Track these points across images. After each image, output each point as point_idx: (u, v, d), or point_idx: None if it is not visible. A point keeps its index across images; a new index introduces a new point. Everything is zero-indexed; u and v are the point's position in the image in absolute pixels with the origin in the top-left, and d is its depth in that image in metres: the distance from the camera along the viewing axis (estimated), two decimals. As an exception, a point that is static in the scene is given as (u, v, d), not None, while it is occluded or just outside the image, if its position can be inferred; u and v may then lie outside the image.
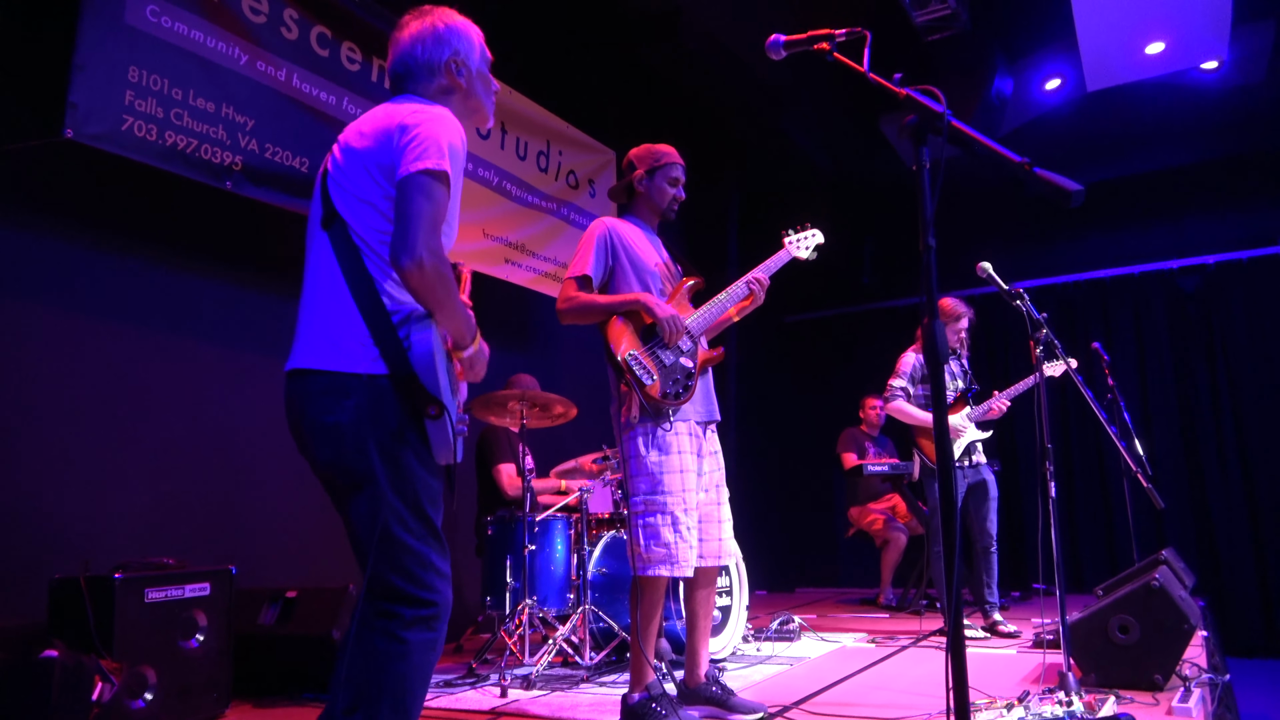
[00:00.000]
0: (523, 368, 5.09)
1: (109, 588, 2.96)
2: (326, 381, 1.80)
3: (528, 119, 5.63)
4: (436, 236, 1.77)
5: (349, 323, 1.82)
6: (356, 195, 1.87)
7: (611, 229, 3.05)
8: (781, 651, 4.29)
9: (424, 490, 1.83)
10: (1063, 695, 2.59)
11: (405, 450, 1.80)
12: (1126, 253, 7.66)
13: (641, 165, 3.14)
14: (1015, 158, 1.41)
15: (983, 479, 4.73)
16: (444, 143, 1.82)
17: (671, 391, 2.88)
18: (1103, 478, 7.29)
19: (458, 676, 3.79)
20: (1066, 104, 7.16)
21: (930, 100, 1.55)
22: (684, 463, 2.87)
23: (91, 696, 2.75)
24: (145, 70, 3.55)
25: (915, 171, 1.56)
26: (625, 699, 2.88)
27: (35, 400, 3.39)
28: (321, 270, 1.87)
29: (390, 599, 1.78)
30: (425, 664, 1.80)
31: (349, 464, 1.79)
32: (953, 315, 4.76)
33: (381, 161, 1.85)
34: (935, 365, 1.51)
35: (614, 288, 3.01)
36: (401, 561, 1.78)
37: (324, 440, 1.81)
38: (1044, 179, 1.39)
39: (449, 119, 1.89)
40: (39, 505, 3.34)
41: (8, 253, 3.39)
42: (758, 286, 3.07)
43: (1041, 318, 3.07)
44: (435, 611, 1.81)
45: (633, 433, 2.89)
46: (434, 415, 1.80)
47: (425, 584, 1.80)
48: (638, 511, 2.86)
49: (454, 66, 2.03)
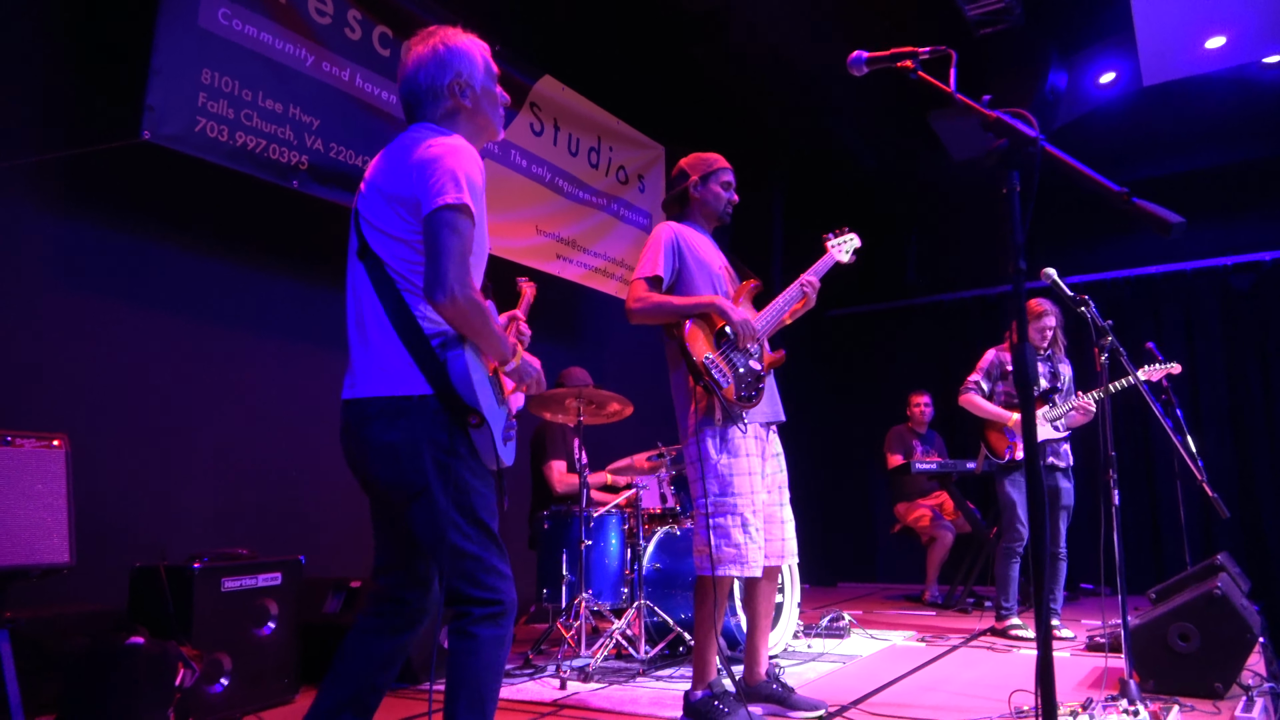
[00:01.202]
0: (572, 363, 5.16)
1: (188, 577, 3.07)
2: (381, 406, 1.94)
3: (580, 115, 5.67)
4: (465, 269, 1.89)
5: (395, 351, 1.94)
6: (385, 231, 1.98)
7: (678, 232, 3.10)
8: (832, 649, 4.33)
9: (478, 499, 1.97)
10: (1125, 704, 2.61)
11: (457, 463, 1.94)
12: (1178, 250, 7.54)
13: (695, 172, 3.19)
14: (1114, 188, 1.43)
15: (1057, 485, 4.68)
16: (462, 176, 1.91)
17: (745, 394, 2.93)
18: (1150, 478, 7.22)
19: (515, 667, 3.87)
20: (1121, 99, 7.05)
21: (1023, 124, 1.57)
22: (751, 465, 2.92)
23: (174, 682, 2.86)
24: (217, 72, 3.63)
25: (1005, 195, 1.58)
26: (688, 695, 2.93)
27: (111, 393, 3.51)
28: (364, 302, 2.01)
29: (458, 602, 1.94)
30: (495, 659, 1.94)
31: (408, 479, 1.93)
32: (1035, 313, 4.72)
33: (403, 196, 1.95)
34: (1025, 389, 1.53)
35: (681, 290, 3.06)
36: (463, 567, 1.93)
37: (383, 460, 1.95)
38: (1144, 210, 1.40)
39: (465, 151, 1.98)
40: (113, 495, 3.46)
41: (87, 250, 3.50)
42: (811, 289, 3.11)
43: (1107, 325, 3.06)
44: (501, 609, 1.95)
45: (701, 435, 2.94)
46: (475, 425, 1.94)
47: (488, 586, 1.94)
48: (707, 513, 2.91)
49: (457, 89, 2.08)
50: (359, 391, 1.98)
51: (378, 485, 2.00)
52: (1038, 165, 1.53)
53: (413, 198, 1.94)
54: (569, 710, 3.18)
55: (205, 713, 3.03)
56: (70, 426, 3.13)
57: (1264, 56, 6.36)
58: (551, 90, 5.42)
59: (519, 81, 5.18)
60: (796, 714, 2.98)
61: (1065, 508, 4.69)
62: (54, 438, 2.86)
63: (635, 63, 6.47)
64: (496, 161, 4.97)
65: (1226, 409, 7.10)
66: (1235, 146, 7.32)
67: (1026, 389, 1.53)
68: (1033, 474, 1.54)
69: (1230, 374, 7.16)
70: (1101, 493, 2.97)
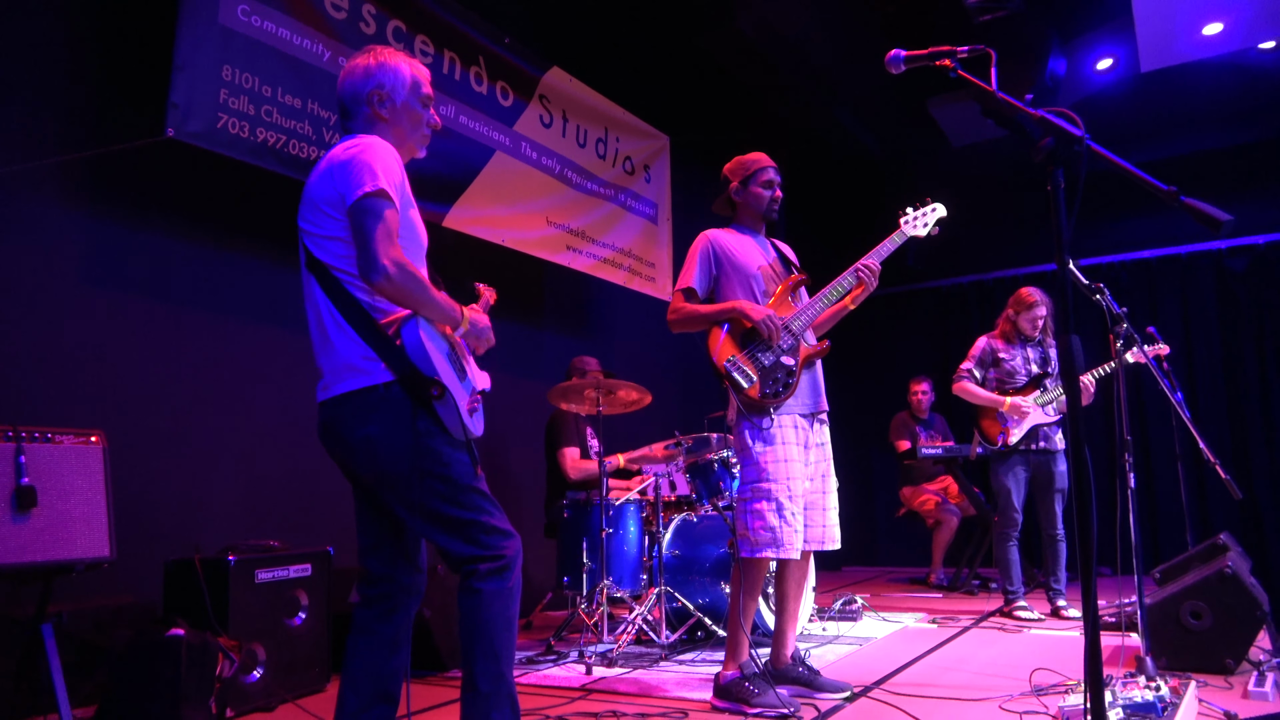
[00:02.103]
0: (580, 351, 5.22)
1: (223, 569, 3.12)
2: (352, 400, 2.04)
3: (587, 106, 5.70)
4: (393, 246, 1.98)
5: (353, 345, 2.05)
6: (323, 235, 2.09)
7: (713, 240, 3.20)
8: (847, 631, 4.41)
9: (459, 469, 2.06)
10: (1144, 679, 2.69)
11: (430, 439, 2.02)
12: (1173, 232, 7.62)
13: (735, 178, 3.30)
14: (1163, 187, 1.48)
15: (1051, 469, 4.78)
16: (376, 166, 2.01)
17: (771, 391, 3.01)
18: (1148, 459, 7.32)
19: (538, 654, 3.93)
20: (1118, 84, 7.12)
21: (1067, 124, 1.62)
22: (789, 453, 3.01)
23: (215, 673, 2.91)
24: (237, 69, 3.65)
25: (1050, 193, 1.64)
26: (719, 676, 3.01)
27: (140, 389, 3.54)
28: (321, 307, 2.11)
29: (462, 562, 2.05)
30: (505, 609, 2.05)
31: (389, 467, 2.03)
32: (1026, 304, 4.83)
33: (330, 197, 2.06)
34: (1071, 379, 1.59)
35: (720, 295, 3.19)
36: (466, 533, 2.05)
37: (362, 454, 2.05)
38: (1194, 207, 1.46)
39: (379, 145, 2.08)
40: (145, 490, 3.50)
41: (116, 248, 3.53)
42: (868, 274, 3.19)
43: (1122, 311, 3.13)
44: (506, 563, 2.06)
45: (740, 427, 3.07)
46: (437, 396, 2.01)
47: (487, 544, 2.06)
48: (745, 498, 3.02)
49: (376, 98, 2.19)
50: (331, 391, 2.08)
51: (363, 482, 2.11)
52: (1084, 163, 1.59)
53: (337, 196, 2.04)
54: (597, 694, 3.24)
55: (242, 702, 3.09)
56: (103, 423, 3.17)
57: (1260, 42, 6.43)
58: (560, 82, 5.45)
59: (528, 74, 5.21)
60: (823, 695, 3.06)
61: (1060, 490, 4.79)
62: (91, 434, 2.90)
63: (641, 53, 6.50)
64: (508, 154, 5.00)
65: (1223, 389, 7.22)
66: (1231, 131, 7.41)
67: (1073, 381, 1.59)
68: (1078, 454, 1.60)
69: (1226, 355, 7.26)
70: (1119, 475, 3.05)
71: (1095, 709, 1.55)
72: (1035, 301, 4.83)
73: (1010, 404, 4.77)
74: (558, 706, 3.06)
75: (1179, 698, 2.52)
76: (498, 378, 5.30)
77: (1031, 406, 4.73)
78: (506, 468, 5.37)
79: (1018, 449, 4.79)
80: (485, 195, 4.84)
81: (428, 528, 2.07)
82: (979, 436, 4.89)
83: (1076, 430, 1.61)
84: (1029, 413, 4.72)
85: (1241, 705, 2.83)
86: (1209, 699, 2.85)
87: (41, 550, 2.65)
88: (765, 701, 2.87)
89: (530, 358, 5.57)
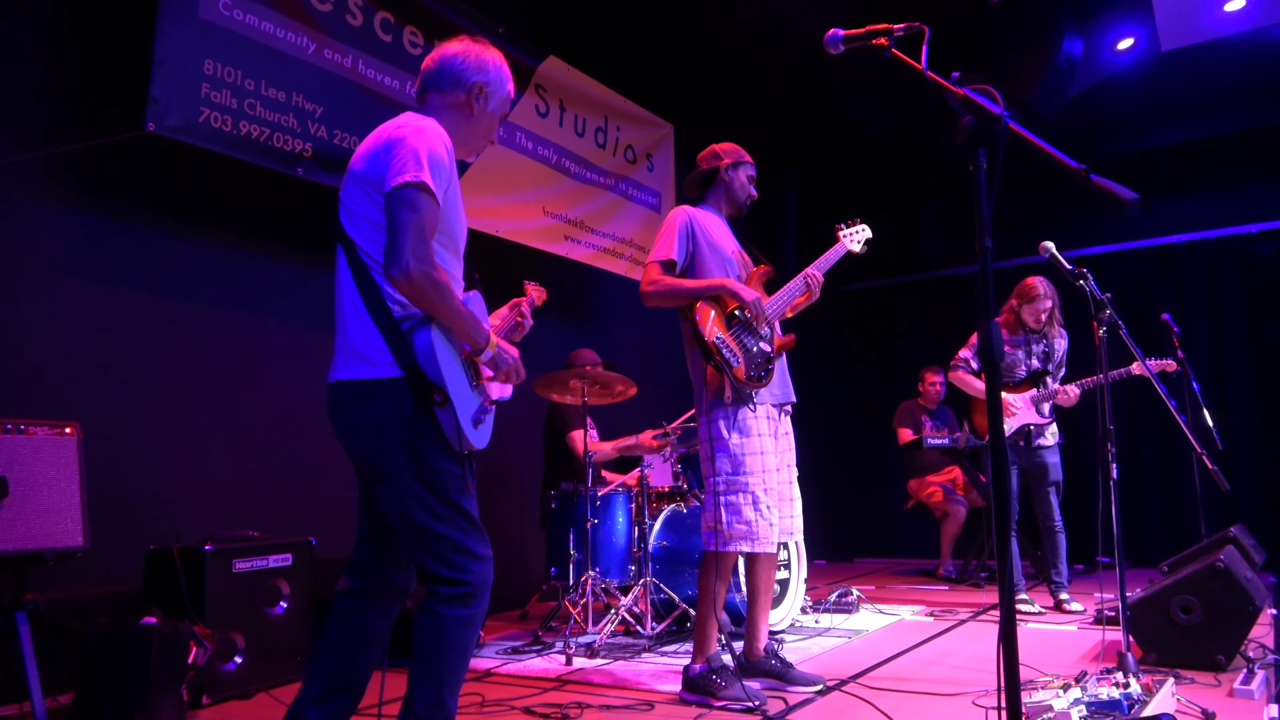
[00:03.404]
0: (582, 343, 5.19)
1: (200, 558, 3.15)
2: (354, 388, 2.00)
3: (585, 95, 5.66)
4: (424, 246, 1.90)
5: (366, 334, 2.00)
6: (360, 214, 2.03)
7: (692, 216, 3.15)
8: (840, 624, 4.36)
9: (450, 481, 1.98)
10: (1120, 676, 2.61)
11: (424, 443, 1.96)
12: (1200, 217, 7.41)
13: (728, 157, 3.25)
14: (1072, 164, 1.42)
15: (1043, 461, 4.68)
16: (423, 154, 1.94)
17: (754, 374, 2.97)
18: (1173, 449, 7.14)
19: (524, 644, 3.93)
20: (1138, 64, 6.92)
21: (989, 101, 1.57)
22: (763, 444, 2.97)
23: (187, 660, 2.94)
24: (219, 63, 3.67)
25: (972, 173, 1.58)
26: (687, 669, 2.98)
27: (122, 381, 3.58)
28: (343, 287, 2.06)
29: (426, 580, 1.96)
30: (461, 638, 1.95)
31: (373, 459, 1.99)
32: (1030, 297, 4.68)
33: (371, 176, 2.00)
34: (990, 364, 1.53)
35: (694, 273, 3.12)
36: (431, 546, 1.96)
37: (354, 438, 2.02)
38: (1100, 186, 1.40)
39: (432, 129, 2.01)
40: (132, 480, 3.54)
41: (96, 241, 3.57)
42: (814, 282, 3.14)
43: (1105, 297, 3.04)
44: (470, 590, 1.96)
45: (714, 415, 3.00)
46: (439, 403, 1.95)
47: (457, 566, 1.95)
48: (719, 490, 2.97)
49: (476, 90, 2.17)
50: (337, 375, 2.04)
51: (356, 464, 2.07)
52: (1003, 141, 1.53)
53: (378, 176, 1.98)
54: (572, 685, 3.23)
55: (219, 689, 3.13)
56: (87, 415, 3.21)
57: (1284, 18, 6.21)
58: (557, 71, 5.42)
59: (524, 63, 5.19)
60: (795, 689, 3.01)
61: (1054, 483, 4.68)
62: (66, 426, 2.94)
63: (642, 41, 6.43)
64: (502, 144, 4.99)
65: (1250, 376, 7.01)
66: (1257, 111, 7.16)
67: (993, 368, 1.54)
68: (997, 449, 1.55)
69: (1253, 341, 7.05)
70: (1100, 466, 2.96)
71: (1011, 708, 1.50)
72: (1040, 294, 4.68)
73: (1005, 400, 4.66)
74: (529, 697, 3.06)
75: (1150, 695, 2.44)
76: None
77: (1022, 405, 4.63)
78: (507, 460, 5.37)
79: (1010, 445, 4.70)
80: (477, 185, 4.83)
81: (403, 531, 2.01)
82: (969, 428, 4.80)
83: (996, 421, 1.56)
84: (1017, 411, 4.62)
85: (1224, 704, 2.74)
86: (1192, 697, 2.76)
87: (13, 540, 2.70)
88: (731, 694, 2.84)
89: (530, 349, 5.50)
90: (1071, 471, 7.27)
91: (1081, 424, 7.41)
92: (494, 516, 5.30)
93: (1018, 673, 1.52)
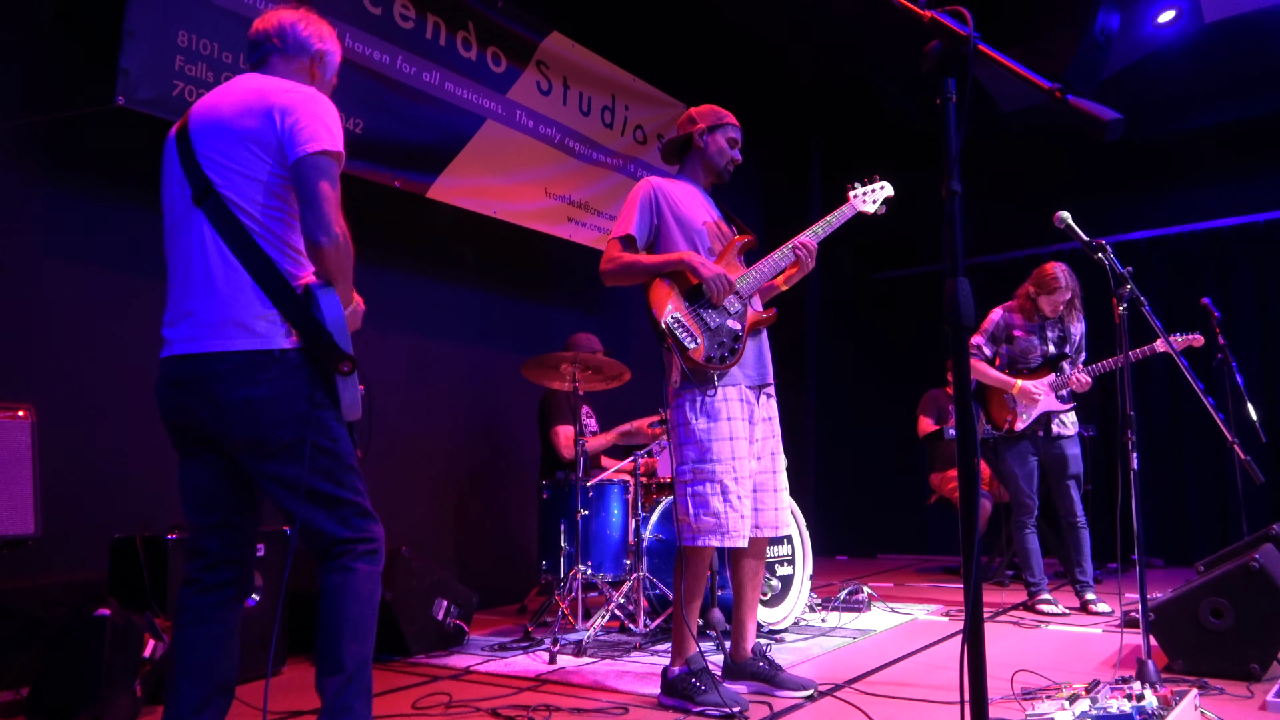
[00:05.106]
0: (587, 328, 5.01)
1: (163, 547, 3.03)
2: (236, 361, 1.89)
3: (592, 73, 5.47)
4: (341, 214, 1.94)
5: (252, 303, 1.90)
6: (237, 171, 1.94)
7: (657, 188, 2.93)
8: (848, 623, 4.12)
9: (345, 447, 2.00)
10: (1137, 686, 2.36)
11: (322, 412, 1.94)
12: (1247, 201, 7.04)
13: (704, 121, 3.02)
14: (1045, 83, 1.21)
15: (1062, 453, 4.41)
16: (332, 124, 1.95)
17: (716, 355, 2.74)
18: (1216, 443, 6.78)
19: (513, 640, 3.76)
20: (1181, 38, 6.55)
21: (956, 21, 1.35)
22: (734, 429, 2.74)
23: (143, 654, 2.81)
24: (195, 34, 3.54)
25: (940, 105, 1.37)
26: (665, 672, 2.79)
27: (96, 362, 3.47)
28: (208, 250, 1.93)
29: (335, 543, 1.96)
30: (375, 594, 1.99)
31: (268, 435, 1.90)
32: (1050, 288, 4.39)
33: (264, 139, 1.93)
34: (956, 329, 1.32)
35: (660, 248, 2.91)
36: (338, 512, 1.96)
37: (241, 417, 1.90)
38: (1077, 107, 1.18)
39: (325, 100, 2.01)
40: (100, 465, 3.43)
41: (66, 217, 3.46)
42: (804, 252, 2.90)
43: (1126, 271, 2.78)
44: (375, 546, 2.00)
45: (679, 400, 2.79)
46: (347, 371, 1.93)
47: (361, 528, 1.98)
48: (685, 480, 2.76)
49: (318, 58, 2.17)
50: (203, 346, 1.91)
51: (229, 445, 1.94)
52: (970, 64, 1.32)
53: (274, 140, 1.93)
54: (550, 685, 3.05)
55: (183, 684, 3.00)
56: (52, 397, 3.11)
57: (1338, -17, 5.82)
58: (560, 47, 5.23)
59: (525, 39, 5.01)
60: (783, 693, 2.80)
61: (1074, 475, 4.41)
62: (19, 408, 2.83)
63: (653, 17, 6.23)
64: (500, 122, 4.81)
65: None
66: (1309, 87, 6.76)
67: (958, 328, 1.32)
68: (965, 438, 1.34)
69: (1303, 330, 6.67)
70: (1120, 456, 2.71)
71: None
72: (1061, 286, 4.37)
73: (1021, 388, 4.39)
74: (500, 698, 2.88)
75: (1168, 708, 2.19)
76: (502, 355, 5.18)
77: (1045, 392, 4.35)
78: (510, 447, 5.21)
79: (1024, 434, 4.43)
80: (475, 165, 4.67)
81: (302, 504, 1.93)
82: (983, 418, 4.53)
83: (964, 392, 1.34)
84: (1039, 399, 4.34)
85: (1256, 718, 2.48)
86: (1219, 709, 2.50)
87: (-43, 525, 2.58)
88: (709, 700, 2.63)
89: (536, 334, 5.39)
90: (1105, 466, 6.96)
91: (1112, 414, 7.08)
92: (495, 506, 5.15)
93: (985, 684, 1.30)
